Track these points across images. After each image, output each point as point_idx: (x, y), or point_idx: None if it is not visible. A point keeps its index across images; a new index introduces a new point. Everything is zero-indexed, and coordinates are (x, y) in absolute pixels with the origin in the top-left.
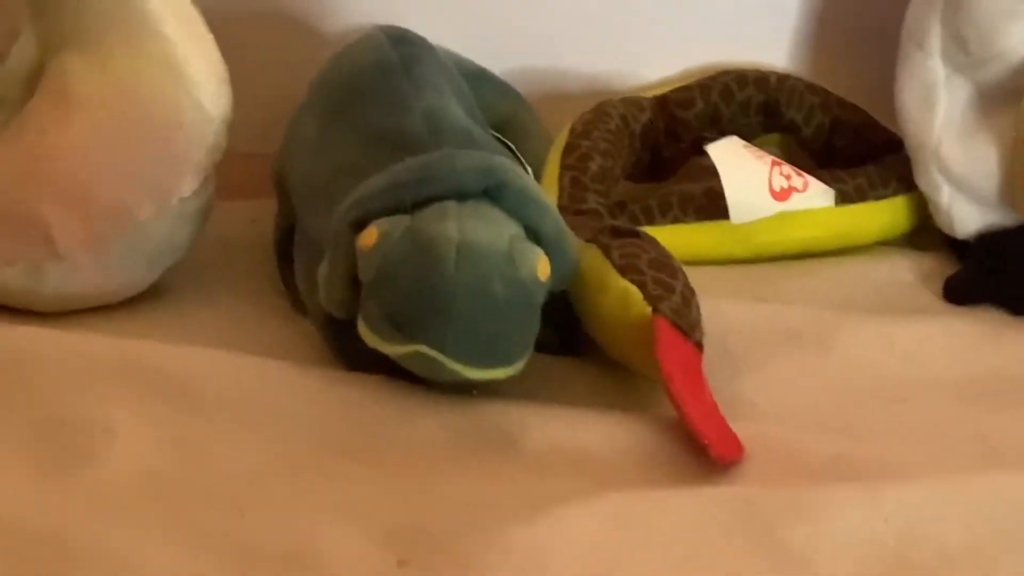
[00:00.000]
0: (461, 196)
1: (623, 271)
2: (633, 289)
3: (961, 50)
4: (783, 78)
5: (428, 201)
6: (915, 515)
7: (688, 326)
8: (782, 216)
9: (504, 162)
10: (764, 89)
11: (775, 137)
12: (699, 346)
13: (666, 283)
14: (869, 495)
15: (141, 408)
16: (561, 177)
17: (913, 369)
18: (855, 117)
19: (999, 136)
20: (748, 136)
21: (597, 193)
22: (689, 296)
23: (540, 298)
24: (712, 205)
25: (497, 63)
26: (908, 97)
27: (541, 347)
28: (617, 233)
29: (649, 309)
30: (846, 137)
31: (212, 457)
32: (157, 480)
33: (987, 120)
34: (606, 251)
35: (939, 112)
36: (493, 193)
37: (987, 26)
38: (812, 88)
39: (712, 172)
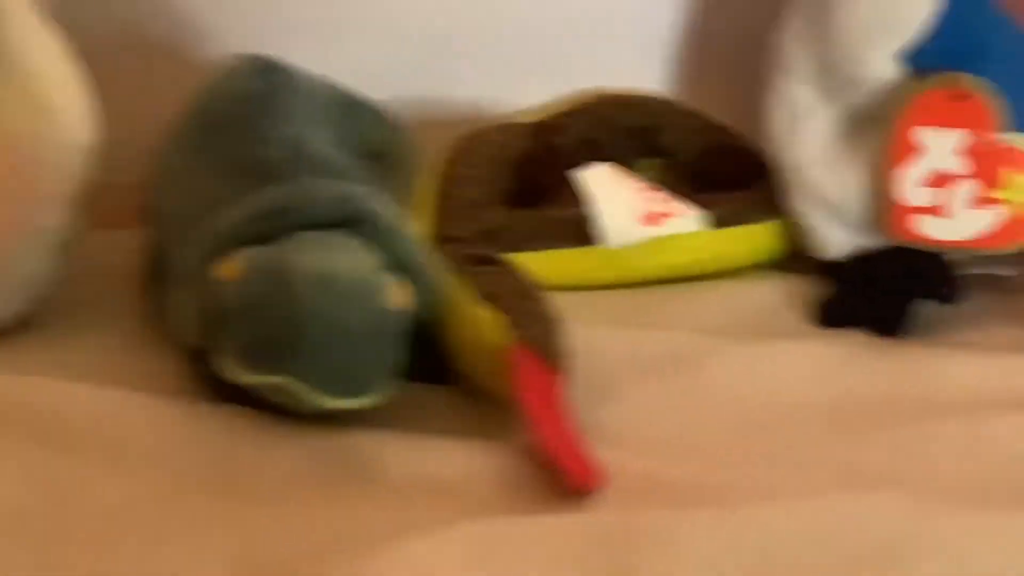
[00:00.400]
0: (320, 226)
1: (484, 299)
2: (493, 317)
3: (827, 74)
4: (660, 102)
5: (287, 231)
6: (773, 540)
7: (549, 353)
8: (655, 241)
9: (365, 192)
10: (641, 114)
11: (653, 161)
12: (562, 373)
13: (528, 311)
14: (727, 521)
15: (5, 444)
16: (433, 204)
17: (780, 394)
18: (732, 141)
19: (866, 160)
20: (626, 161)
21: (470, 220)
22: (552, 323)
23: (399, 328)
24: (586, 231)
25: (377, 91)
26: (776, 121)
27: (409, 375)
28: (479, 261)
29: (509, 337)
30: (724, 161)
31: (78, 493)
32: (23, 518)
33: (854, 144)
34: (467, 279)
35: (807, 136)
36: (353, 223)
37: (851, 51)
38: (689, 112)
39: (586, 198)
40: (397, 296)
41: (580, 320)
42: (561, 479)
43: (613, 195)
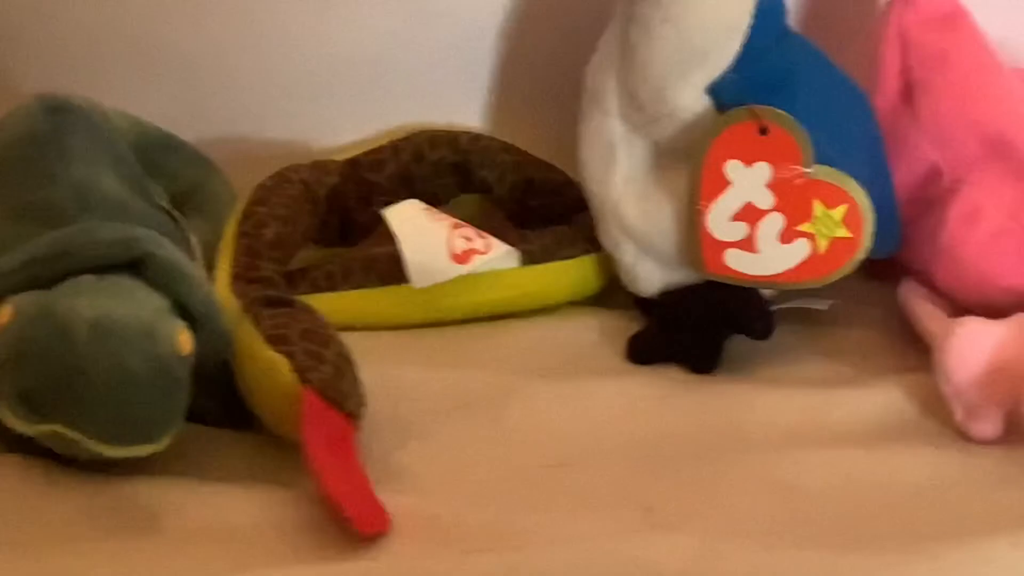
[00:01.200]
0: (102, 270)
1: (272, 342)
2: (281, 360)
3: (636, 109)
4: (475, 138)
5: (67, 276)
6: None
7: (339, 397)
8: (465, 279)
9: (149, 234)
10: (456, 149)
11: (470, 197)
12: (353, 417)
13: (317, 353)
14: (514, 567)
15: None
16: (235, 245)
17: (588, 434)
18: (550, 176)
19: (676, 195)
20: (442, 197)
21: (273, 260)
22: (343, 365)
23: (183, 372)
24: (395, 269)
25: (189, 130)
26: (589, 155)
27: (201, 418)
28: (270, 303)
29: (296, 380)
30: (541, 196)
31: None
32: None
33: (664, 179)
34: (257, 322)
35: (619, 170)
36: (137, 266)
37: (659, 85)
38: (505, 147)
39: (394, 236)
40: (181, 340)
41: (390, 361)
42: (347, 525)
43: (419, 233)
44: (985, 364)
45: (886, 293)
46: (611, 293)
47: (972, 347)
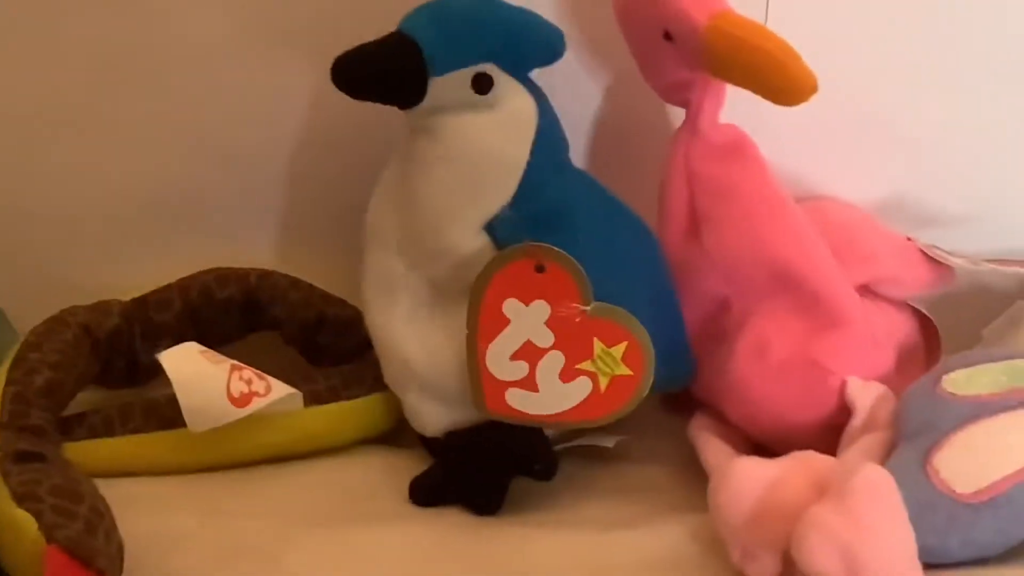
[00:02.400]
0: None
1: (20, 499)
2: (28, 518)
3: (414, 245)
4: (265, 275)
5: None
6: None
7: (89, 554)
8: (247, 422)
9: None
10: (245, 287)
11: (261, 335)
12: (104, 574)
13: (67, 510)
14: None
15: None
16: (4, 393)
17: None
18: (341, 312)
19: (457, 334)
20: (232, 335)
21: (43, 408)
22: (96, 521)
23: None
24: (176, 413)
25: None
26: (371, 293)
27: None
28: (20, 458)
29: (42, 539)
30: (332, 333)
31: None
32: None
33: (445, 317)
34: (5, 478)
35: (399, 309)
36: None
37: (435, 223)
38: (295, 284)
39: (170, 380)
40: None
41: (166, 508)
42: None
43: (196, 376)
44: (757, 503)
45: (683, 426)
46: (401, 431)
47: (743, 486)
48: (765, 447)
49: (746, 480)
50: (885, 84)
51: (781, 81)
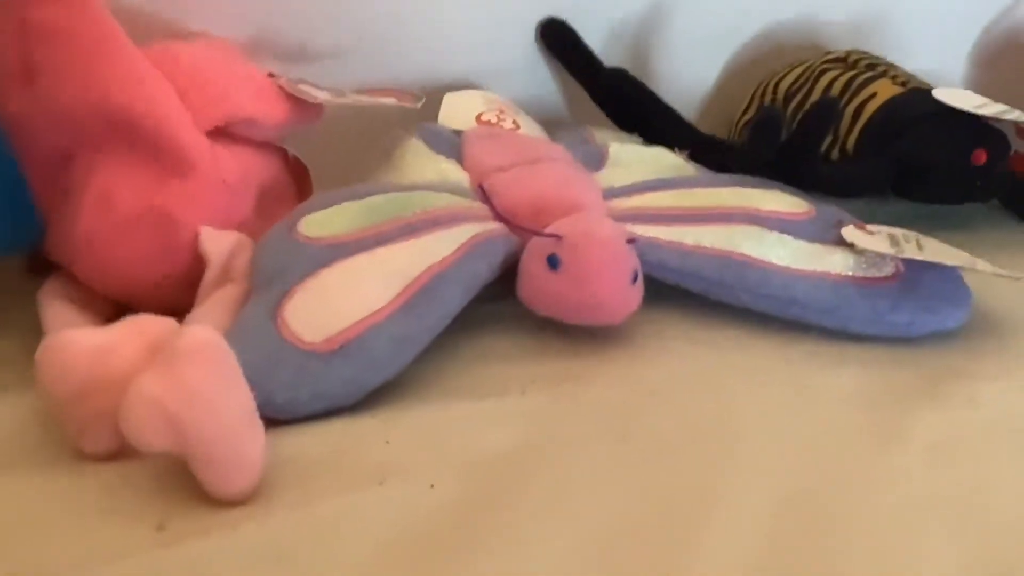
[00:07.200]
0: None
1: None
2: None
3: None
4: None
5: None
6: None
7: None
8: None
9: None
10: None
11: None
12: None
13: None
14: None
15: None
16: None
17: None
18: None
19: None
20: None
21: None
22: None
23: None
24: None
25: None
26: None
27: None
28: None
29: None
30: None
31: None
32: None
33: None
34: None
35: None
36: None
37: None
38: None
39: None
40: None
41: None
42: None
43: None
44: (85, 375)
45: None
46: None
47: (67, 359)
48: (133, 309)
49: (70, 352)
50: None
51: None
